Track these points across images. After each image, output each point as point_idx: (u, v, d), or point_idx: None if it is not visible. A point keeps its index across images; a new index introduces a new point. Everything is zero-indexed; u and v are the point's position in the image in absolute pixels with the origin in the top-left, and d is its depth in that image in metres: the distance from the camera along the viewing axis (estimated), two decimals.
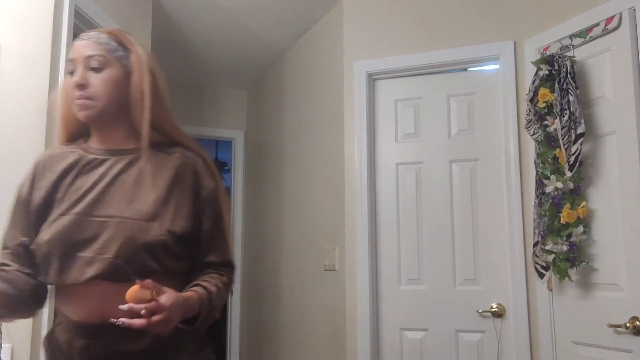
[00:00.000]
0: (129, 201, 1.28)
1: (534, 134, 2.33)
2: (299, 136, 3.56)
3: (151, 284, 1.14)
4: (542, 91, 2.28)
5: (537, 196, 2.30)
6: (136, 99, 1.32)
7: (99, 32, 1.35)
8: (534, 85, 2.32)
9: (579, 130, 2.14)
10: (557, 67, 2.24)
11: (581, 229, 2.14)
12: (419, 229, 2.76)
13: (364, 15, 2.99)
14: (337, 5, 3.12)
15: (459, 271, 2.67)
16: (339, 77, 3.03)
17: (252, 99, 4.59)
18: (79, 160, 1.33)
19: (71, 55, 1.33)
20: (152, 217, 1.27)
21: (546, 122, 2.28)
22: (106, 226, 1.24)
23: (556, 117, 2.21)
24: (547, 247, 2.22)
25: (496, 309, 2.56)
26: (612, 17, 2.14)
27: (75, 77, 1.30)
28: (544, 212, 2.25)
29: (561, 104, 2.20)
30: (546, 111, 2.28)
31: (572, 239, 2.15)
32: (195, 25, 3.43)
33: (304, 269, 3.35)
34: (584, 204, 2.16)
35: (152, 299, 1.12)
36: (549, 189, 2.23)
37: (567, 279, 2.18)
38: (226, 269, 1.40)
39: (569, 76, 2.20)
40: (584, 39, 2.27)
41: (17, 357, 1.85)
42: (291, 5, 3.16)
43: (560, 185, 2.19)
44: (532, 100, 2.33)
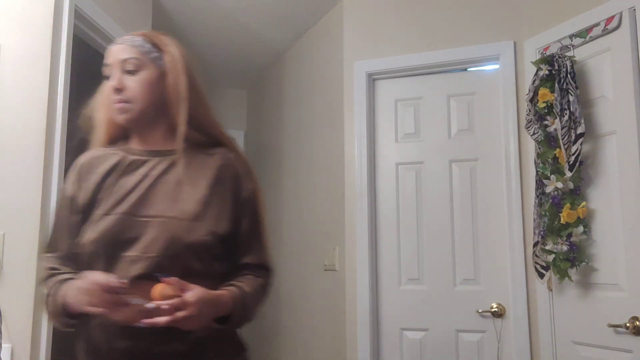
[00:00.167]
0: (172, 201, 1.29)
1: (534, 134, 2.33)
2: (299, 136, 3.55)
3: (176, 281, 1.15)
4: (542, 91, 2.28)
5: (537, 196, 2.30)
6: (173, 100, 1.33)
7: (133, 35, 1.36)
8: (534, 85, 2.32)
9: (579, 130, 2.14)
10: (557, 67, 2.24)
11: (581, 229, 2.14)
12: (419, 229, 2.76)
13: (364, 15, 2.99)
14: (337, 5, 3.12)
15: (459, 271, 2.67)
16: (339, 77, 3.03)
17: (252, 99, 4.59)
18: (121, 161, 1.34)
19: (107, 60, 1.34)
20: (196, 217, 1.28)
21: (546, 122, 2.28)
22: (150, 226, 1.25)
23: (556, 117, 2.21)
24: (547, 247, 2.22)
25: (496, 309, 2.56)
26: (612, 17, 2.14)
27: (111, 81, 1.31)
28: (544, 212, 2.25)
29: (561, 104, 2.20)
30: (546, 111, 2.28)
31: (572, 239, 2.15)
32: (195, 25, 3.43)
33: (304, 269, 3.35)
34: (584, 204, 2.16)
35: (178, 296, 1.13)
36: (549, 189, 2.23)
37: (567, 279, 2.18)
38: (263, 271, 1.41)
39: (569, 76, 2.20)
40: (584, 39, 2.27)
41: (17, 357, 1.85)
42: (291, 5, 3.15)
43: (560, 185, 2.19)
44: (532, 100, 2.33)
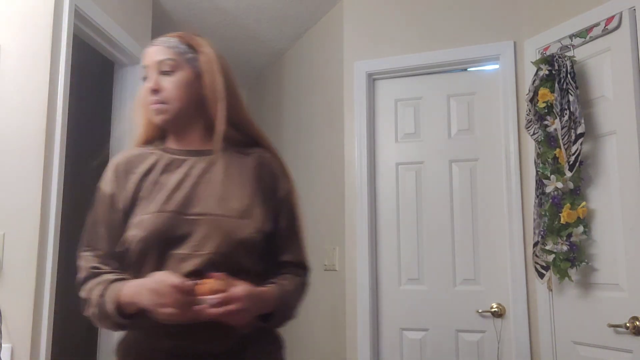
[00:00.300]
0: (218, 199, 1.29)
1: (534, 134, 2.33)
2: (299, 136, 3.55)
3: (225, 276, 1.17)
4: (542, 91, 2.28)
5: (537, 196, 2.30)
6: (211, 100, 1.34)
7: (168, 37, 1.37)
8: (534, 85, 2.32)
9: (579, 130, 2.14)
10: (557, 67, 2.24)
11: (581, 229, 2.14)
12: (419, 229, 2.76)
13: (364, 15, 2.99)
14: (337, 5, 3.12)
15: (459, 271, 2.67)
16: (339, 77, 3.03)
17: (252, 99, 4.59)
18: (159, 160, 1.35)
19: (143, 61, 1.36)
20: (243, 215, 1.29)
21: (546, 122, 2.28)
22: (200, 223, 1.25)
23: (556, 117, 2.21)
24: (547, 247, 2.22)
25: (496, 309, 2.56)
26: (612, 17, 2.14)
27: (148, 82, 1.33)
28: (544, 212, 2.25)
29: (561, 104, 2.20)
30: (546, 111, 2.28)
31: (572, 239, 2.15)
32: (195, 25, 3.42)
33: None
34: (584, 204, 2.16)
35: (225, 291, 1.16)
36: (549, 189, 2.23)
37: (567, 279, 2.18)
38: (301, 270, 1.42)
39: (569, 76, 2.20)
40: (584, 39, 2.27)
41: (17, 357, 1.85)
42: (291, 5, 3.15)
43: (560, 185, 2.19)
44: (532, 100, 2.33)
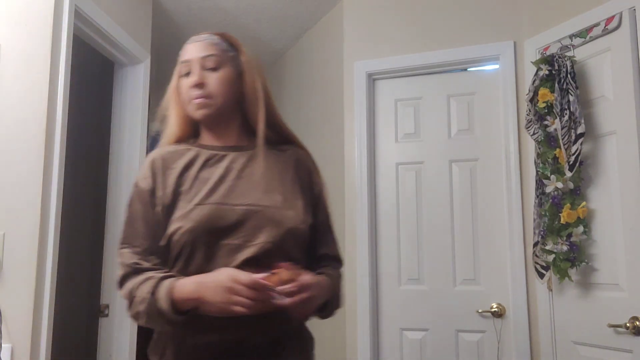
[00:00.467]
0: (264, 192, 1.32)
1: (534, 134, 2.32)
2: (299, 136, 3.54)
3: (292, 265, 1.20)
4: (542, 91, 2.28)
5: (537, 196, 2.30)
6: (251, 98, 1.38)
7: (209, 34, 1.40)
8: (534, 85, 2.32)
9: (579, 130, 2.14)
10: (557, 67, 2.24)
11: (581, 229, 2.14)
12: (419, 229, 2.76)
13: (364, 15, 2.99)
14: (337, 5, 3.12)
15: (459, 271, 2.67)
16: (339, 77, 3.03)
17: None
18: (198, 155, 1.36)
19: (185, 57, 1.37)
20: (289, 207, 1.33)
21: (546, 122, 2.28)
22: (248, 214, 1.27)
23: (556, 117, 2.21)
24: (547, 247, 2.22)
25: (496, 309, 2.56)
26: (612, 17, 2.14)
27: (192, 77, 1.34)
28: (544, 212, 2.25)
29: (561, 104, 2.20)
30: (546, 111, 2.28)
31: (572, 239, 2.15)
32: (195, 25, 3.42)
33: None
34: (584, 204, 2.16)
35: (294, 280, 1.19)
36: (549, 189, 2.23)
37: (567, 279, 2.18)
38: (337, 263, 1.47)
39: (569, 76, 2.20)
40: (584, 39, 2.27)
41: (17, 357, 1.85)
42: (291, 5, 3.15)
43: (560, 185, 2.19)
44: (532, 100, 2.33)
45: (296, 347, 1.34)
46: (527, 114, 2.36)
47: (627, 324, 1.99)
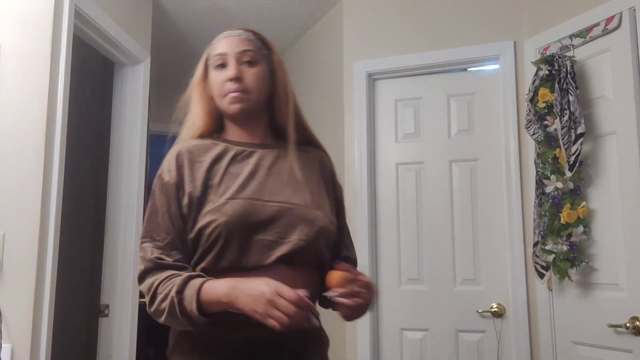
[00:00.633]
0: (293, 190, 1.32)
1: (534, 134, 2.33)
2: None
3: (349, 267, 1.22)
4: (542, 91, 2.28)
5: (537, 196, 2.30)
6: (282, 97, 1.39)
7: (243, 30, 1.39)
8: (534, 85, 2.32)
9: (579, 130, 2.14)
10: (557, 67, 2.24)
11: (581, 229, 2.14)
12: (419, 229, 2.76)
13: (364, 15, 2.99)
14: (337, 5, 3.12)
15: (459, 271, 2.67)
16: (339, 77, 3.03)
17: None
18: (227, 150, 1.34)
19: (220, 49, 1.36)
20: (318, 207, 1.33)
21: (546, 122, 2.28)
22: (282, 211, 1.27)
23: (556, 117, 2.21)
24: (547, 247, 2.22)
25: (496, 309, 2.56)
26: (612, 17, 2.14)
27: (230, 71, 1.32)
28: (544, 212, 2.25)
29: (561, 104, 2.20)
30: (546, 111, 2.28)
31: (572, 239, 2.15)
32: (195, 25, 3.43)
33: None
34: (584, 204, 2.16)
35: (355, 280, 1.19)
36: (549, 189, 2.23)
37: (567, 279, 2.18)
38: (355, 267, 1.46)
39: (569, 76, 2.20)
40: (584, 39, 2.27)
41: (17, 357, 1.85)
42: (291, 5, 3.15)
43: (560, 185, 2.19)
44: (532, 100, 2.33)
45: (316, 347, 1.34)
46: (527, 114, 2.36)
47: (627, 324, 1.99)
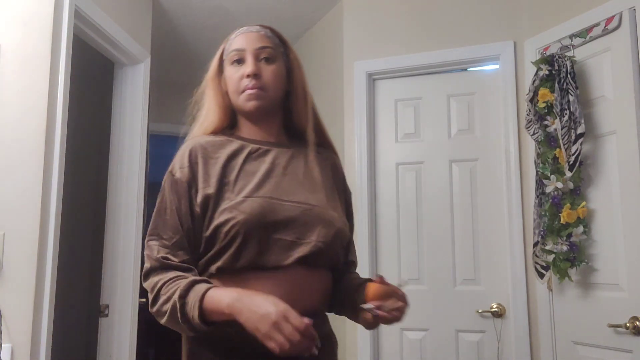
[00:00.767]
0: (310, 191, 1.30)
1: (534, 134, 2.33)
2: None
3: (383, 279, 1.23)
4: (542, 91, 2.28)
5: (537, 196, 2.30)
6: (299, 97, 1.36)
7: (260, 26, 1.36)
8: (534, 85, 2.32)
9: (579, 130, 2.14)
10: (557, 67, 2.24)
11: (581, 229, 2.14)
12: (419, 229, 2.76)
13: (364, 15, 2.99)
14: (337, 5, 3.12)
15: (459, 271, 2.67)
16: (339, 77, 3.03)
17: None
18: (242, 148, 1.31)
19: (238, 45, 1.33)
20: (333, 208, 1.32)
21: (546, 122, 2.28)
22: (300, 211, 1.25)
23: (556, 117, 2.21)
24: (547, 247, 2.22)
25: (496, 309, 2.56)
26: (612, 17, 2.14)
27: (247, 67, 1.29)
28: (544, 212, 2.25)
29: (561, 104, 2.20)
30: (546, 111, 2.28)
31: (572, 239, 2.15)
32: (195, 25, 3.43)
33: None
34: (584, 204, 2.16)
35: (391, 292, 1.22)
36: (549, 189, 2.23)
37: (567, 279, 2.18)
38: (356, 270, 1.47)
39: (569, 76, 2.20)
40: (584, 39, 2.27)
41: (17, 357, 1.85)
42: (291, 5, 3.15)
43: (560, 185, 2.19)
44: (532, 100, 2.33)
45: (330, 346, 1.33)
46: (527, 114, 2.36)
47: (627, 324, 1.99)
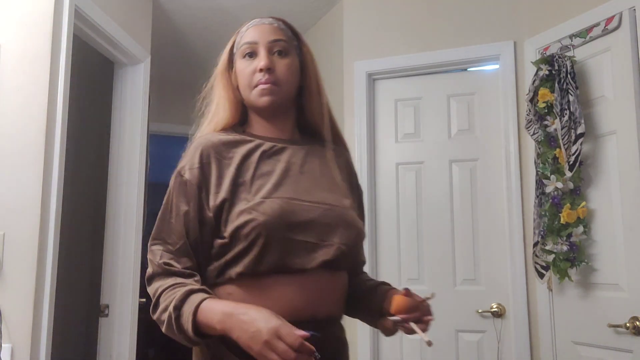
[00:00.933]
0: (327, 191, 1.25)
1: (534, 134, 2.33)
2: None
3: (409, 291, 1.19)
4: (542, 91, 2.28)
5: (537, 196, 2.30)
6: (314, 92, 1.30)
7: (274, 19, 1.31)
8: (534, 85, 2.32)
9: (579, 130, 2.14)
10: (557, 67, 2.24)
11: (581, 229, 2.14)
12: (419, 229, 2.76)
13: (364, 15, 2.99)
14: (337, 5, 3.12)
15: (459, 271, 2.67)
16: (339, 77, 3.03)
17: None
18: (257, 146, 1.24)
19: (250, 37, 1.27)
20: (351, 208, 1.27)
21: (546, 122, 2.28)
22: (321, 211, 1.19)
23: (556, 117, 2.21)
24: (547, 247, 2.22)
25: (496, 309, 2.56)
26: (612, 17, 2.14)
27: (260, 60, 1.23)
28: (544, 212, 2.25)
29: (561, 104, 2.20)
30: (546, 111, 2.28)
31: (572, 239, 2.15)
32: (195, 25, 3.43)
33: None
34: (584, 204, 2.16)
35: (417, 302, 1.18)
36: (549, 189, 2.23)
37: (567, 279, 2.18)
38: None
39: (569, 76, 2.20)
40: (584, 39, 2.27)
41: (17, 357, 1.85)
42: (291, 5, 3.15)
43: (560, 185, 2.19)
44: (532, 100, 2.33)
45: (342, 355, 1.32)
46: (527, 114, 2.36)
47: (627, 324, 1.99)
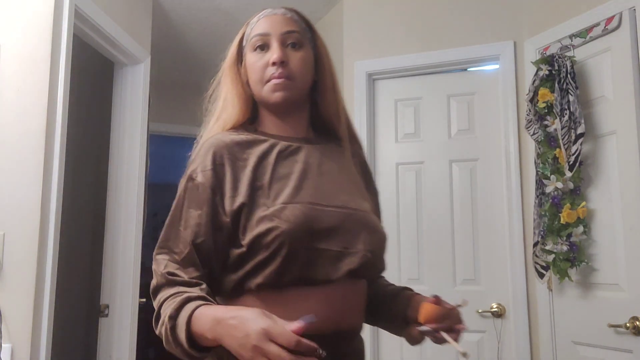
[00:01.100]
0: (347, 193, 1.17)
1: (534, 134, 2.33)
2: None
3: (438, 299, 1.15)
4: (542, 91, 2.28)
5: (537, 196, 2.30)
6: (329, 87, 1.22)
7: (287, 9, 1.23)
8: (534, 85, 2.32)
9: (579, 130, 2.14)
10: (557, 67, 2.24)
11: (581, 229, 2.14)
12: (419, 229, 2.76)
13: (364, 15, 2.99)
14: (337, 5, 3.12)
15: (459, 271, 2.67)
16: (339, 77, 3.02)
17: None
18: (273, 146, 1.16)
19: (261, 29, 1.18)
20: (372, 211, 1.21)
21: (546, 122, 2.28)
22: (343, 217, 1.12)
23: (556, 117, 2.21)
24: (547, 247, 2.22)
25: (496, 309, 2.56)
26: (612, 17, 2.14)
27: (273, 53, 1.15)
28: (544, 212, 2.25)
29: (561, 104, 2.20)
30: (546, 111, 2.28)
31: (572, 239, 2.15)
32: (195, 25, 3.43)
33: None
34: (584, 204, 2.16)
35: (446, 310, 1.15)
36: (549, 189, 2.23)
37: (567, 279, 2.18)
38: None
39: (569, 76, 2.20)
40: (584, 39, 2.27)
41: (17, 357, 1.85)
42: (291, 5, 3.14)
43: (560, 185, 2.19)
44: (532, 100, 2.33)
45: (361, 352, 1.26)
46: (527, 114, 2.36)
47: (627, 324, 1.99)
